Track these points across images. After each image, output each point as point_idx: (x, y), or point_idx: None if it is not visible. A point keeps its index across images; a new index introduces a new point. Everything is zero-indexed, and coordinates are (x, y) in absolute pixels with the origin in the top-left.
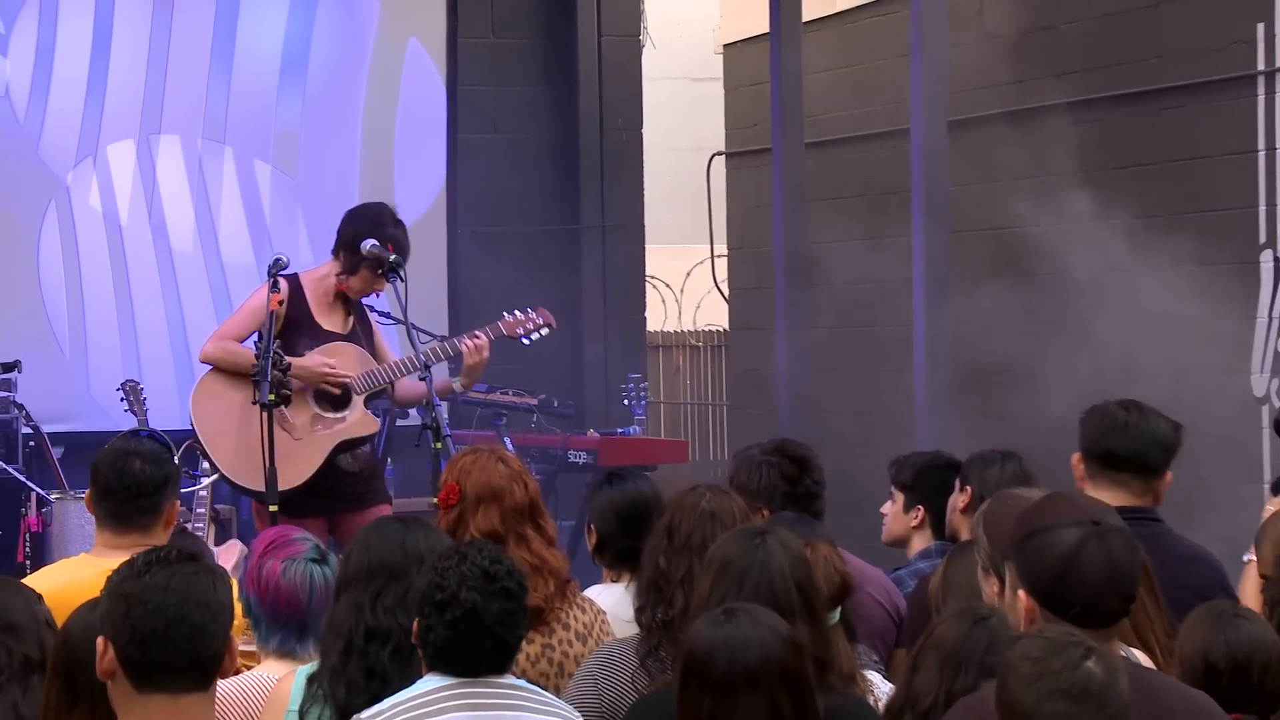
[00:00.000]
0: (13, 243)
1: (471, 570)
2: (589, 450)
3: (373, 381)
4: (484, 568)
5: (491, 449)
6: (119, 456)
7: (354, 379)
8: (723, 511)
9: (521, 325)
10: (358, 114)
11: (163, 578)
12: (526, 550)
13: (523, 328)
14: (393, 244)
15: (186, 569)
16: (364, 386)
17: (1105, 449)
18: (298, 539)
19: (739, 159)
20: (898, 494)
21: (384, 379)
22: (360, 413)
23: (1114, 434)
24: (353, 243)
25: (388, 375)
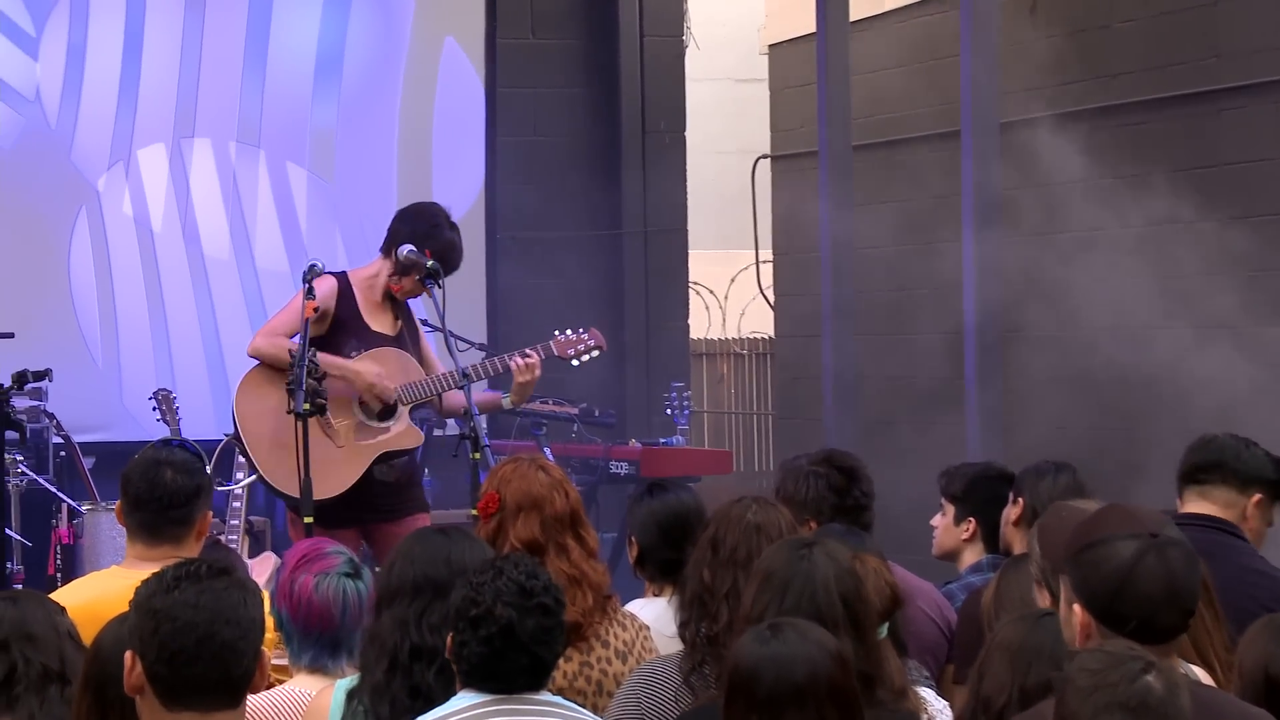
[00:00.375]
0: (44, 249)
1: (507, 585)
2: (631, 461)
3: (418, 393)
4: (520, 583)
5: (532, 458)
6: (150, 466)
7: (399, 389)
8: (769, 524)
9: (572, 346)
10: (394, 116)
11: (192, 594)
12: (566, 561)
13: (573, 349)
14: (447, 249)
15: (217, 584)
16: (409, 397)
17: (1191, 462)
18: (330, 552)
19: (784, 162)
20: (948, 506)
21: (429, 391)
22: (405, 424)
23: (1200, 448)
24: (406, 243)
25: (434, 387)
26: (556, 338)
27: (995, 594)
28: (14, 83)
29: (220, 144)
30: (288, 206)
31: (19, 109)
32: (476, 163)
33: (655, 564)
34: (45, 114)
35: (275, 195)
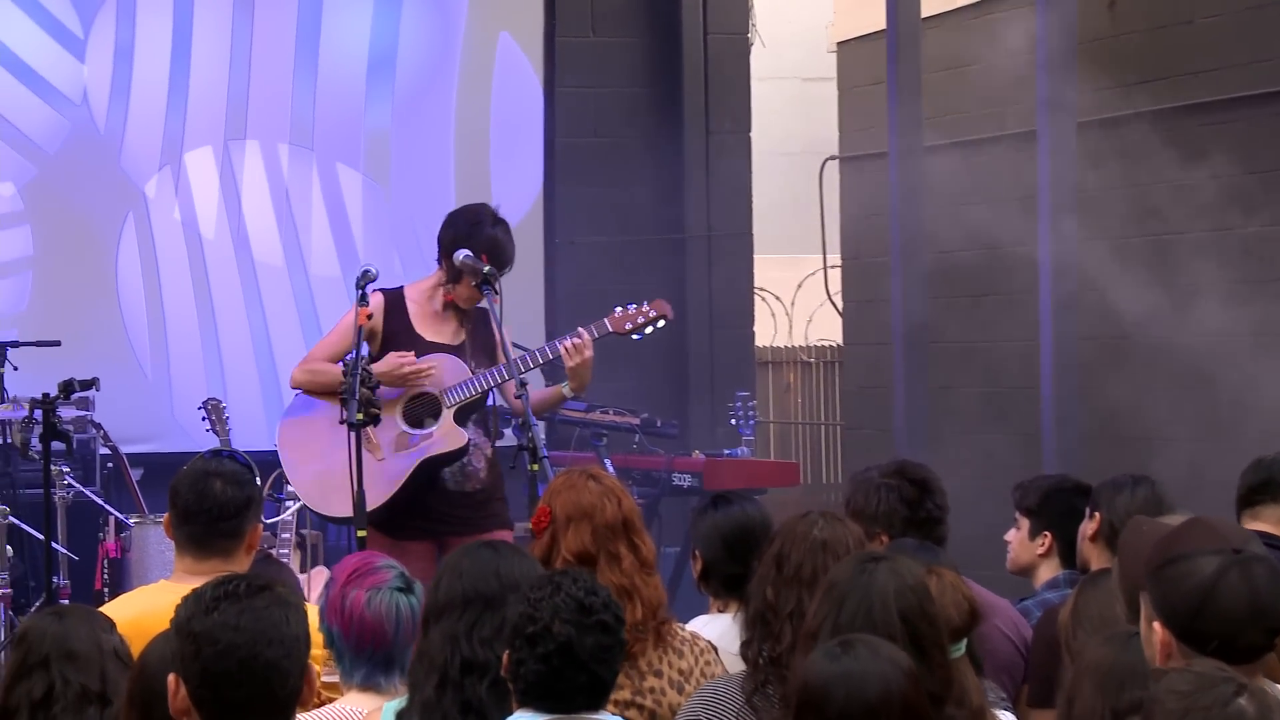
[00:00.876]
0: (91, 255)
1: (566, 601)
2: (694, 473)
3: (462, 393)
4: (579, 599)
5: (585, 469)
6: (199, 478)
7: (443, 393)
8: (835, 540)
9: (631, 320)
10: (450, 116)
11: (232, 614)
12: (617, 571)
13: (632, 322)
14: (491, 246)
15: (257, 603)
16: (451, 399)
17: (1244, 484)
18: (382, 566)
19: (853, 163)
20: (1022, 519)
21: (475, 388)
22: (447, 428)
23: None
24: (450, 249)
25: (480, 384)
26: (613, 313)
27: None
28: (61, 85)
29: (271, 146)
30: (340, 210)
31: (65, 112)
32: (535, 164)
33: (720, 579)
34: (93, 117)
35: (328, 199)
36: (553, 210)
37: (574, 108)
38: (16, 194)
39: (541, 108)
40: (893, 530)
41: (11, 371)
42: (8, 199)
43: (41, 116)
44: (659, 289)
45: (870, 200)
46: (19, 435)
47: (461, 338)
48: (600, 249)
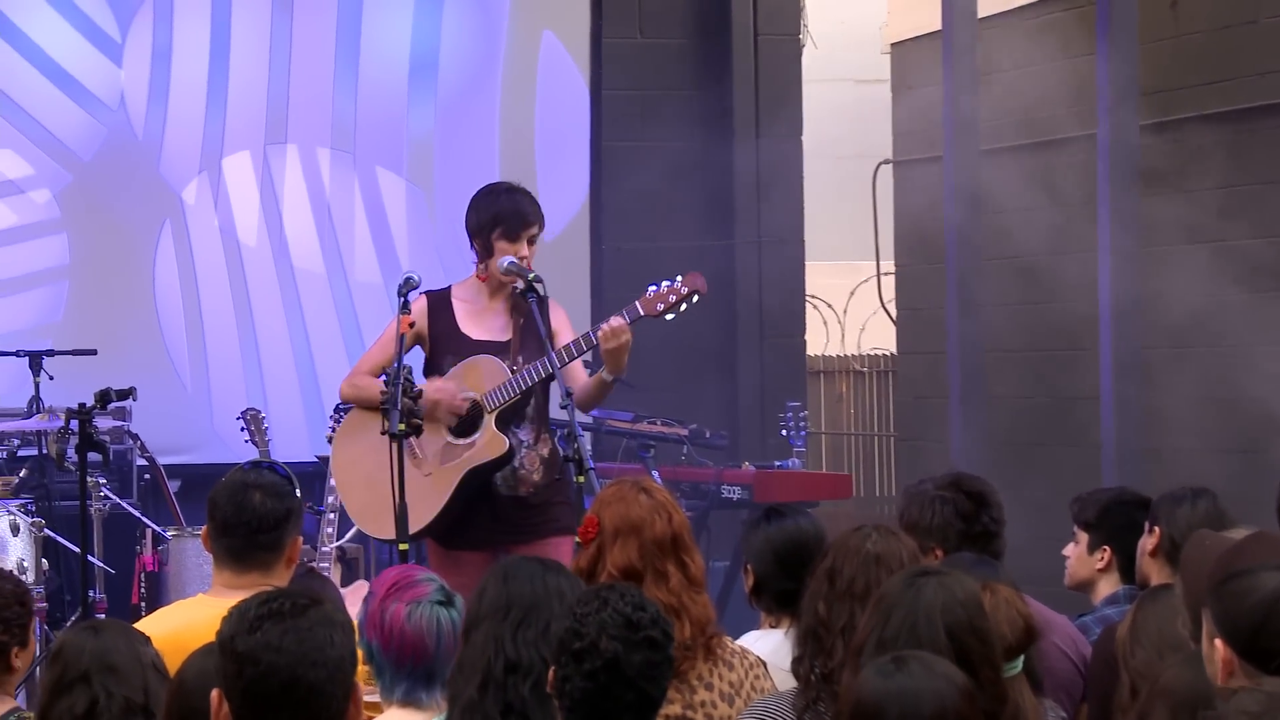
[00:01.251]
0: (127, 263)
1: (613, 617)
2: (744, 485)
3: (502, 396)
4: (626, 615)
5: (637, 480)
6: (238, 489)
7: (483, 397)
8: (889, 555)
9: (663, 299)
10: (494, 119)
11: (275, 634)
12: (664, 589)
13: (664, 302)
14: (511, 210)
15: (301, 623)
16: (492, 403)
17: None
18: (421, 580)
19: (908, 167)
20: (1081, 534)
21: (514, 389)
22: (489, 434)
23: None
24: (477, 232)
25: (519, 384)
26: (644, 295)
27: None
28: (97, 91)
29: (312, 151)
30: (382, 216)
31: (102, 118)
32: (580, 169)
33: (772, 594)
34: (130, 122)
35: (369, 204)
36: (599, 215)
37: (621, 110)
38: (53, 200)
39: (587, 110)
40: (948, 544)
41: (47, 381)
42: (43, 206)
43: (77, 122)
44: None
45: (925, 205)
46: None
47: (510, 333)
48: (648, 255)
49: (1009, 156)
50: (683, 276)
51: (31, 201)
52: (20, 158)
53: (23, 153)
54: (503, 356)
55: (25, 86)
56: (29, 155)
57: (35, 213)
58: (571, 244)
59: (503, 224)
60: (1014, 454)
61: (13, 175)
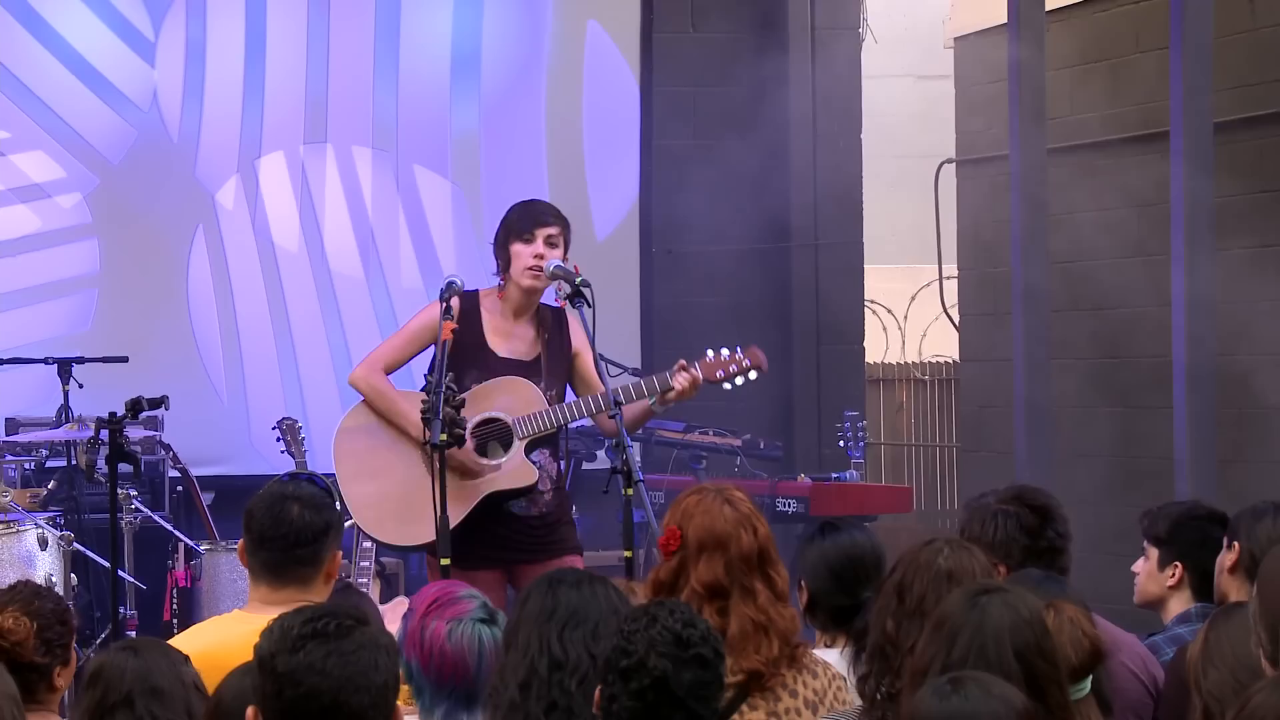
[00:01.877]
0: (160, 267)
1: (662, 634)
2: (799, 498)
3: (534, 426)
4: (676, 631)
5: (719, 489)
6: (275, 501)
7: (514, 422)
8: (961, 570)
9: (723, 368)
10: (540, 116)
11: (318, 655)
12: (753, 606)
13: (724, 370)
14: (521, 210)
15: (346, 645)
16: (524, 430)
17: None
18: (463, 596)
19: (972, 167)
20: (1151, 549)
21: (548, 422)
22: (518, 462)
23: None
24: (495, 248)
25: (553, 419)
26: (704, 358)
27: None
28: (129, 90)
29: (352, 151)
30: (424, 218)
31: (133, 118)
32: (630, 169)
33: (827, 611)
34: (163, 122)
35: (410, 207)
36: (649, 217)
37: (672, 108)
38: (83, 204)
39: (637, 108)
40: (1011, 560)
41: (76, 389)
42: (73, 210)
43: (108, 123)
44: (762, 301)
45: (990, 206)
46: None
47: (537, 351)
48: (700, 259)
49: (1078, 155)
50: (743, 349)
51: (61, 206)
52: (50, 160)
53: (52, 155)
54: (530, 378)
55: (56, 86)
56: (59, 158)
57: (65, 217)
58: (620, 247)
59: (512, 227)
60: (1081, 466)
61: (42, 178)
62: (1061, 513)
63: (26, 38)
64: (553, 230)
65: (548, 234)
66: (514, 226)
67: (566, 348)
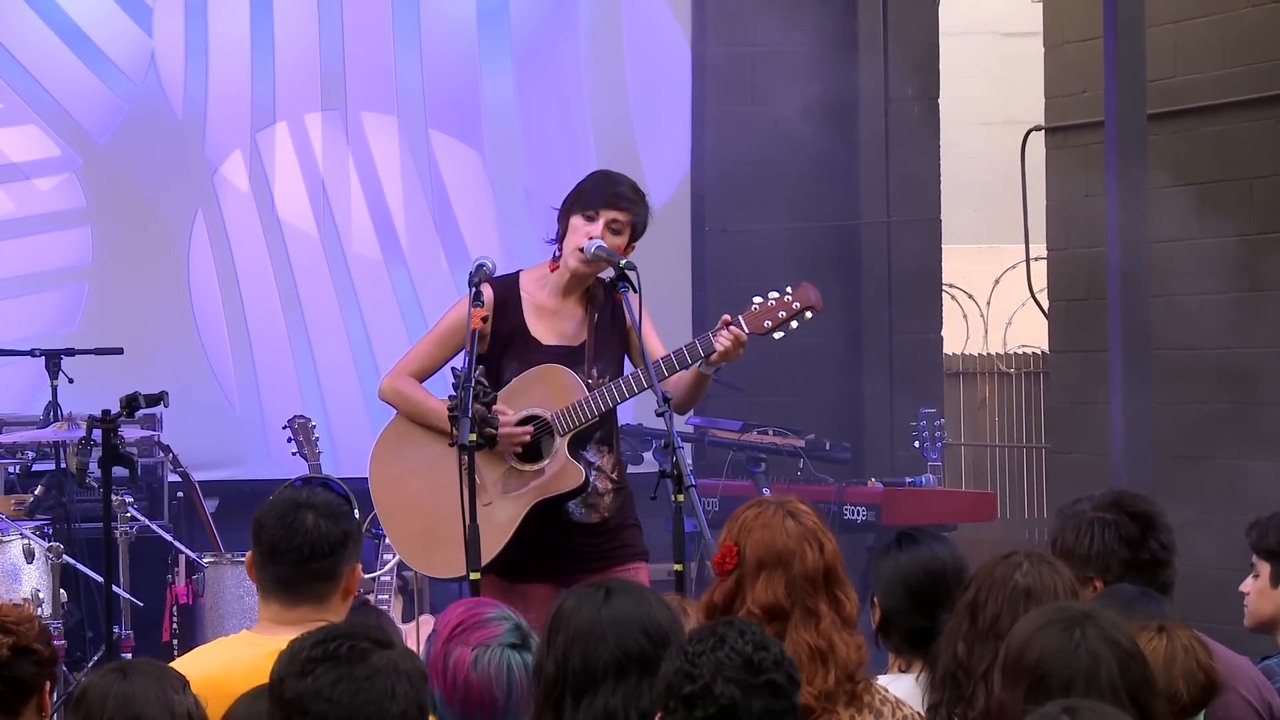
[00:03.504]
0: (158, 252)
1: (730, 657)
2: (869, 505)
3: (576, 417)
4: (746, 655)
5: (782, 501)
6: (288, 509)
7: (551, 417)
8: (1041, 588)
9: (769, 315)
10: (580, 77)
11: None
12: (814, 631)
13: (771, 318)
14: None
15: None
16: (565, 424)
17: None
18: (492, 618)
19: (1063, 135)
20: (1261, 564)
21: (589, 412)
22: (562, 461)
23: None
24: (561, 209)
25: (599, 404)
26: (749, 308)
27: None
28: (124, 61)
29: (369, 120)
30: (449, 193)
31: (129, 91)
32: (680, 139)
33: (902, 632)
34: (164, 93)
35: (434, 181)
36: (701, 192)
37: (727, 70)
38: (74, 184)
39: (688, 71)
40: (1109, 574)
41: (66, 385)
42: (63, 191)
43: (102, 99)
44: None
45: (1083, 179)
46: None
47: (584, 336)
48: (758, 239)
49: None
50: (793, 288)
51: (50, 186)
52: (39, 137)
53: (42, 131)
54: (574, 364)
55: (47, 58)
56: (48, 134)
57: (54, 200)
58: (670, 224)
59: (580, 197)
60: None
61: (30, 157)
62: (1165, 522)
63: (15, 3)
64: (621, 216)
65: (613, 219)
66: (583, 197)
67: (621, 325)
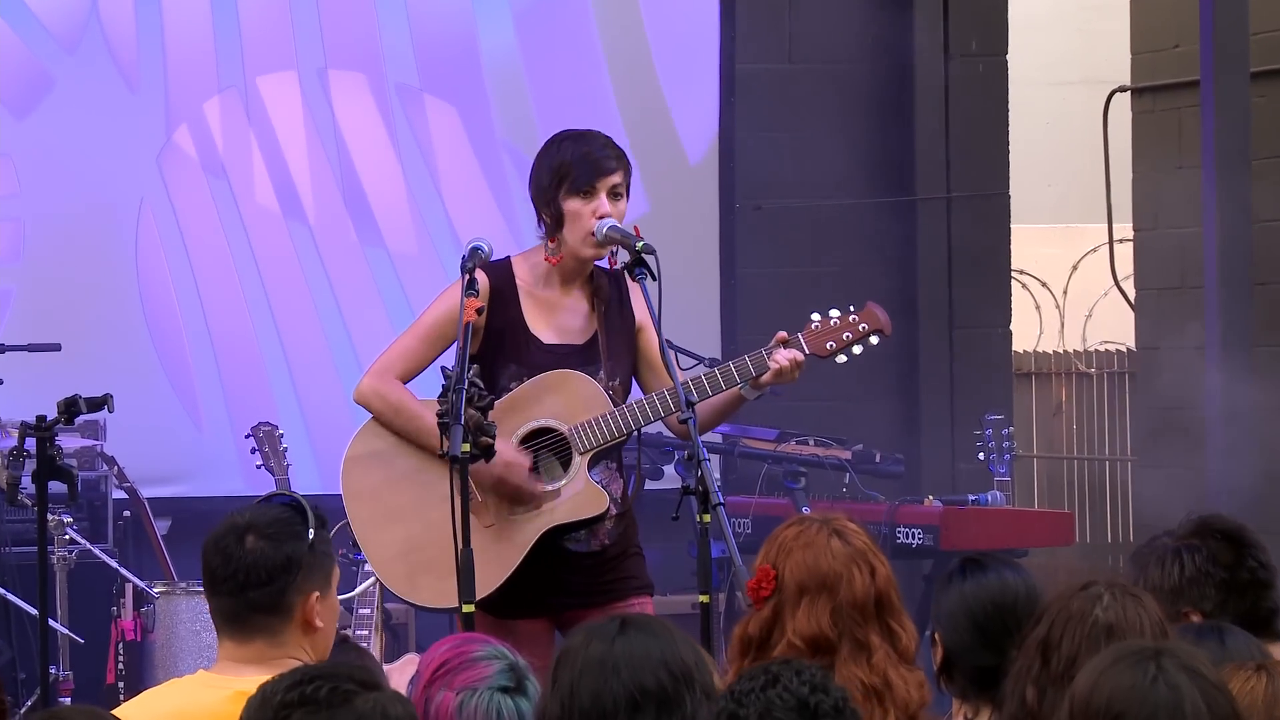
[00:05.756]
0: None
1: (783, 697)
2: (927, 527)
3: (600, 434)
4: (801, 697)
5: (826, 519)
6: (226, 532)
7: (570, 432)
8: (1125, 624)
9: (833, 336)
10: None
11: None
12: (865, 666)
13: (834, 339)
14: (576, 160)
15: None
16: (586, 441)
17: None
18: (482, 657)
19: (1150, 97)
20: None
21: (615, 429)
22: (582, 484)
23: None
24: (540, 199)
25: (623, 423)
26: (809, 326)
27: None
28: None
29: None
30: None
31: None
32: (706, 102)
33: (968, 673)
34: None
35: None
36: (730, 164)
37: (761, 25)
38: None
39: (716, 19)
40: (1205, 603)
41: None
42: None
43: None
44: (879, 272)
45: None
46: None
47: (592, 331)
48: (796, 217)
49: None
50: (856, 308)
51: None
52: None
53: None
54: (585, 366)
55: None
56: None
57: None
58: (693, 200)
59: (568, 176)
60: None
61: None
62: (1258, 539)
63: None
64: (617, 178)
65: (612, 184)
66: (569, 175)
67: (629, 321)
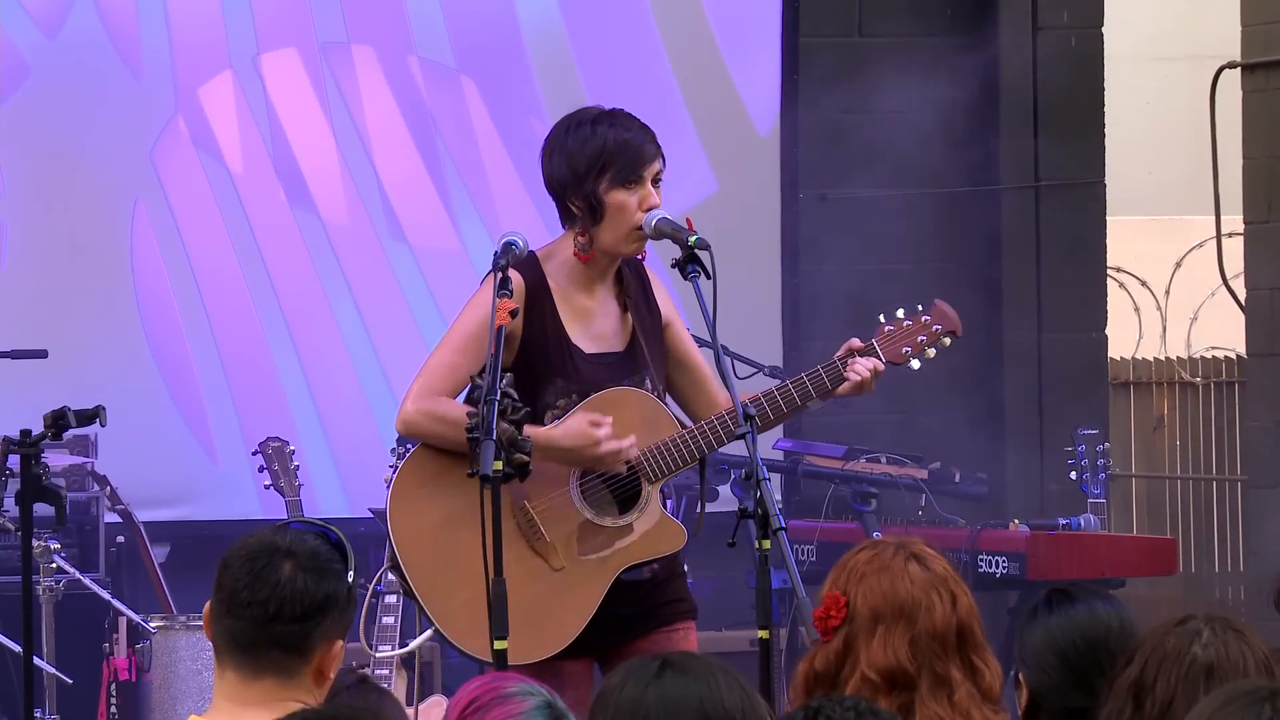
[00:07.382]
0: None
1: None
2: (1012, 554)
3: (670, 461)
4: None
5: (902, 543)
6: (261, 552)
7: (643, 456)
8: (1225, 663)
9: (907, 340)
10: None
11: None
12: (946, 704)
13: (910, 344)
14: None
15: None
16: (658, 469)
17: None
18: (515, 694)
19: (1264, 74)
20: None
21: (688, 454)
22: (657, 515)
23: None
24: (570, 185)
25: (697, 448)
26: (880, 332)
27: None
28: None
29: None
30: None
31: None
32: (766, 79)
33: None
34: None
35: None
36: (793, 148)
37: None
38: None
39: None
40: None
41: None
42: None
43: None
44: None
45: None
46: None
47: (628, 335)
48: (866, 206)
49: None
50: (925, 307)
51: None
52: None
53: None
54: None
55: None
56: None
57: None
58: (752, 188)
59: (610, 165)
60: None
61: None
62: None
63: None
64: (659, 164)
65: (656, 171)
66: (614, 164)
67: (656, 317)
